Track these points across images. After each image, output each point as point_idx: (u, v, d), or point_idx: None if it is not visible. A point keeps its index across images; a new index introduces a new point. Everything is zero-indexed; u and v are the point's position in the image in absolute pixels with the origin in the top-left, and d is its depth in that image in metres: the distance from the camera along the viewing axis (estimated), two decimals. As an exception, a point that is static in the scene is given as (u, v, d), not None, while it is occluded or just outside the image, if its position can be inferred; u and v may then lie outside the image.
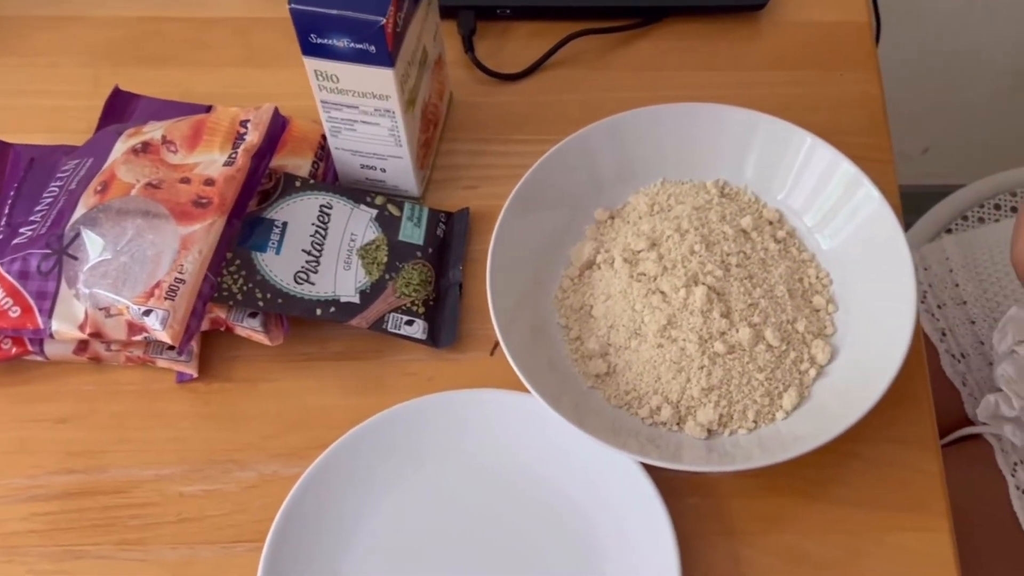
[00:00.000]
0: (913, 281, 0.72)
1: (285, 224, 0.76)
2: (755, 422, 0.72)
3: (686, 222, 0.76)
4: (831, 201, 0.78)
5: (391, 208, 0.79)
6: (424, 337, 0.75)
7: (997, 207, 1.18)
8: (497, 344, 0.74)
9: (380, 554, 0.69)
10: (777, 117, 0.79)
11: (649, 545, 0.68)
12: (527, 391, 0.69)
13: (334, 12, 0.68)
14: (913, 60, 1.51)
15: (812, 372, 0.74)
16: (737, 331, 0.72)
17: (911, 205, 1.12)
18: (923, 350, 0.76)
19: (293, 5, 0.69)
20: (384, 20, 0.68)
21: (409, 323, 0.75)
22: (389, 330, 0.75)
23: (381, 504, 0.71)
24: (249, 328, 0.74)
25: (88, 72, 0.89)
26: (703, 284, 0.73)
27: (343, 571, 0.68)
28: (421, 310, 0.76)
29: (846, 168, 0.77)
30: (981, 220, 1.17)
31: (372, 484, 0.71)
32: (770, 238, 0.78)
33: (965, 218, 1.18)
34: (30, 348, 0.73)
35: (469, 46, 0.89)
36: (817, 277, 0.77)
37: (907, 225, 1.18)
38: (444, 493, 0.71)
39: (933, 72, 1.56)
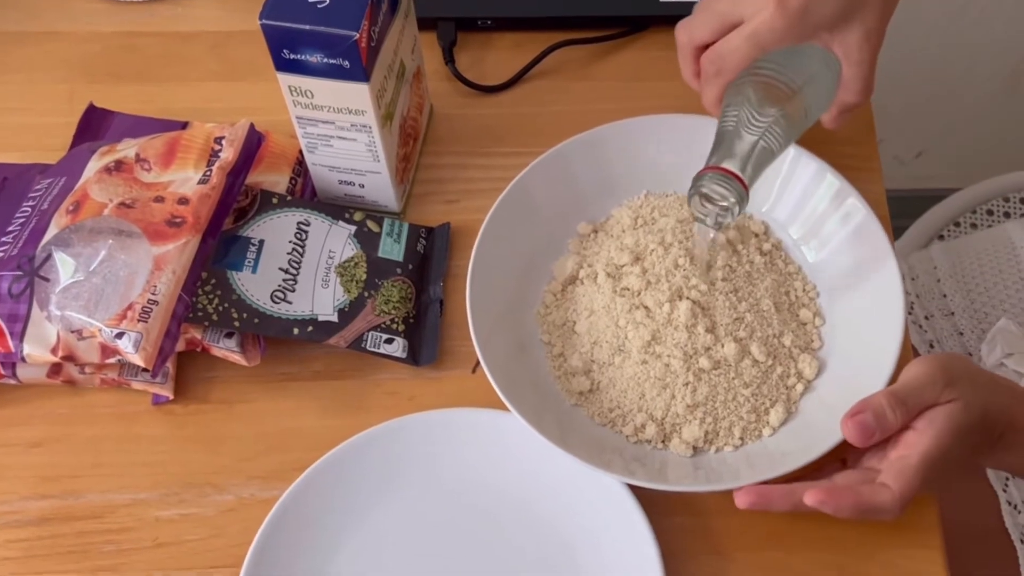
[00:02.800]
0: (901, 294, 0.71)
1: (262, 242, 0.75)
2: (741, 439, 0.71)
3: (670, 235, 0.75)
4: (817, 213, 0.77)
5: (370, 224, 0.78)
6: (404, 355, 0.74)
7: (990, 212, 1.16)
8: (479, 362, 0.73)
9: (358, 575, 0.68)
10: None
11: (634, 565, 0.67)
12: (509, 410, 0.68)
13: (306, 27, 0.67)
14: (906, 63, 1.50)
15: (799, 387, 0.72)
16: (722, 346, 0.71)
17: (905, 210, 1.11)
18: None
19: (264, 20, 0.68)
20: (357, 35, 0.67)
21: (389, 341, 0.74)
22: (368, 349, 0.74)
23: (361, 526, 0.69)
24: (225, 349, 0.72)
25: (63, 88, 0.88)
26: (687, 299, 0.72)
27: (322, 596, 0.67)
28: (401, 328, 0.75)
29: (831, 180, 0.76)
30: (974, 226, 1.16)
31: (351, 506, 0.70)
32: (755, 251, 0.77)
33: (957, 224, 1.16)
34: (2, 372, 0.72)
35: (449, 58, 0.88)
36: (804, 290, 0.76)
37: (900, 230, 1.17)
38: (425, 515, 0.70)
39: (926, 75, 1.55)
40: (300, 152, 0.80)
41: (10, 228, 0.75)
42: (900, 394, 0.63)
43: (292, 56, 0.69)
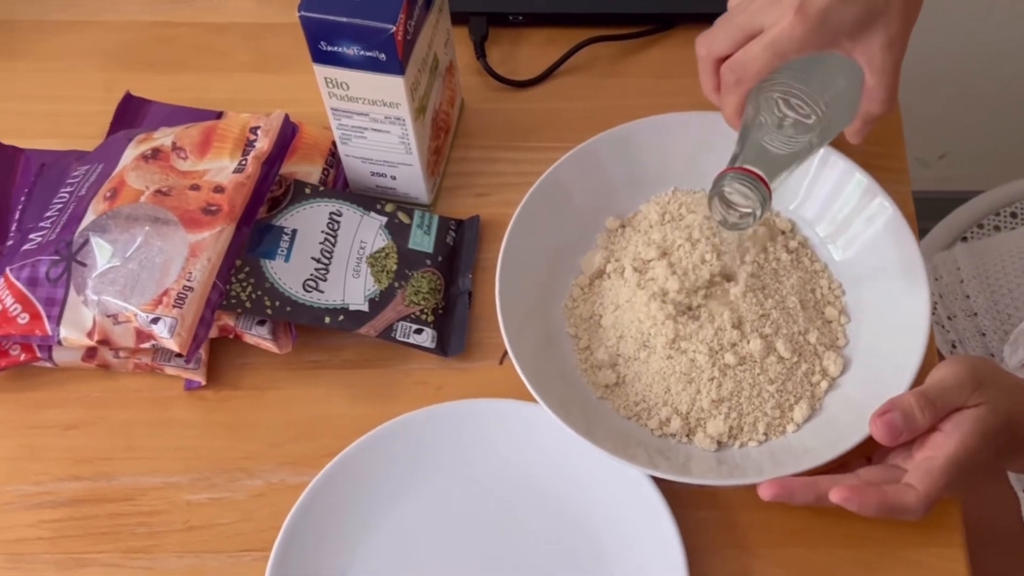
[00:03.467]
0: (927, 293, 0.72)
1: (295, 231, 0.76)
2: (765, 434, 0.71)
3: (697, 231, 0.76)
4: (844, 211, 0.77)
5: (401, 216, 0.79)
6: (433, 346, 0.75)
7: (1013, 215, 1.17)
8: (506, 353, 0.74)
9: (386, 564, 0.69)
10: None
11: (658, 558, 0.67)
12: (536, 401, 0.69)
13: (344, 20, 0.68)
14: (930, 64, 1.50)
15: (824, 384, 0.73)
16: (748, 342, 0.72)
17: (928, 212, 1.11)
18: (936, 363, 0.75)
19: (303, 12, 0.68)
20: (394, 28, 0.68)
21: (418, 332, 0.75)
22: (398, 338, 0.74)
23: (388, 514, 0.70)
24: (258, 336, 0.73)
25: (100, 77, 0.89)
26: (713, 295, 0.73)
27: (349, 581, 0.68)
28: (430, 318, 0.76)
29: (859, 178, 0.76)
30: (997, 228, 1.16)
31: (379, 494, 0.70)
32: (782, 248, 0.77)
33: (981, 226, 1.16)
34: (39, 355, 0.73)
35: (481, 52, 0.88)
36: (829, 288, 0.77)
37: (923, 232, 1.17)
38: (451, 504, 0.71)
39: (950, 76, 1.55)
40: (333, 143, 0.81)
41: (48, 213, 0.76)
42: (929, 395, 0.64)
43: (329, 48, 0.70)
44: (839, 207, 0.77)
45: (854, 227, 0.77)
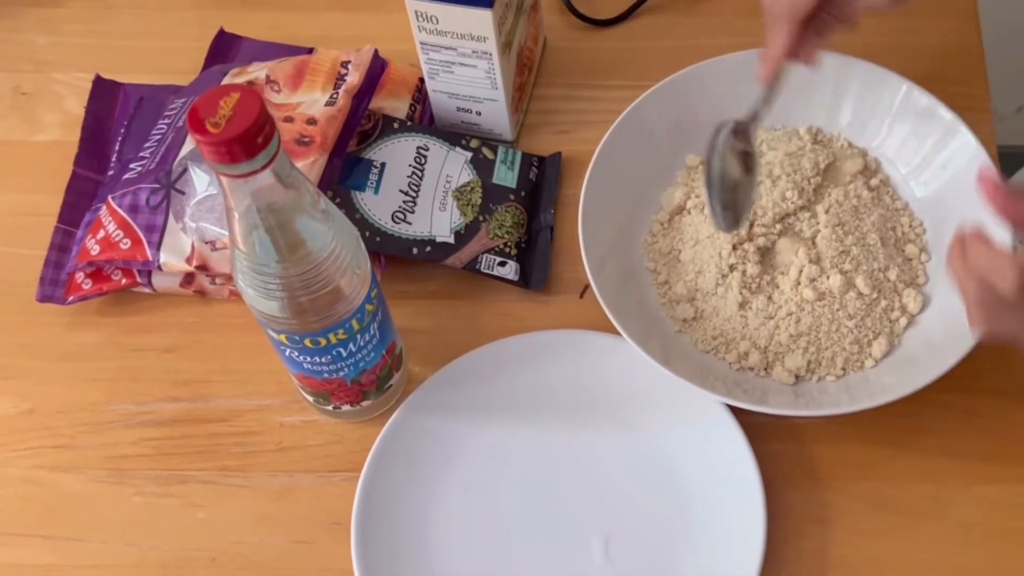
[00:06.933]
0: (1009, 231, 0.71)
1: (383, 164, 0.78)
2: (843, 369, 0.72)
3: (778, 168, 0.76)
4: (926, 149, 0.77)
5: (485, 151, 0.80)
6: (516, 278, 0.77)
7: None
8: (587, 287, 0.75)
9: (471, 487, 0.71)
10: (872, 63, 0.78)
11: (735, 488, 0.68)
12: (616, 334, 0.70)
13: (435, -47, 0.69)
14: (1007, 14, 1.47)
15: (903, 321, 0.73)
16: (827, 278, 0.73)
17: (1004, 166, 1.09)
18: (1017, 301, 0.75)
19: (396, -53, 0.70)
20: (485, -38, 0.69)
21: (502, 264, 0.77)
22: (482, 270, 0.76)
23: (472, 439, 0.72)
24: (347, 265, 0.76)
25: (193, 15, 0.91)
26: (793, 231, 0.74)
27: (436, 502, 0.70)
28: (513, 252, 0.77)
29: (942, 115, 0.76)
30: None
31: (463, 420, 0.73)
32: (863, 186, 0.77)
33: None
34: (139, 280, 0.76)
35: (564, -9, 0.89)
36: (911, 226, 0.77)
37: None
38: (533, 431, 0.73)
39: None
40: (419, 80, 0.82)
41: (147, 144, 0.79)
42: None
43: (420, -18, 0.71)
44: (920, 144, 0.77)
45: (936, 164, 0.77)
